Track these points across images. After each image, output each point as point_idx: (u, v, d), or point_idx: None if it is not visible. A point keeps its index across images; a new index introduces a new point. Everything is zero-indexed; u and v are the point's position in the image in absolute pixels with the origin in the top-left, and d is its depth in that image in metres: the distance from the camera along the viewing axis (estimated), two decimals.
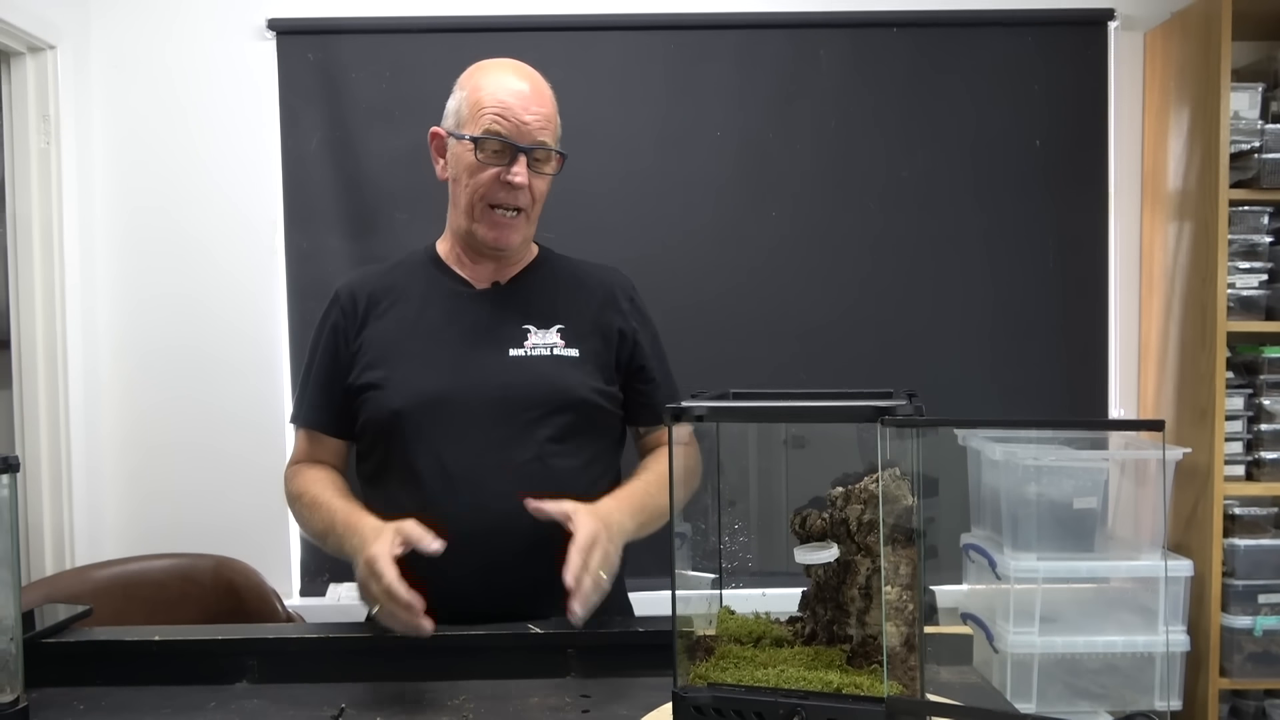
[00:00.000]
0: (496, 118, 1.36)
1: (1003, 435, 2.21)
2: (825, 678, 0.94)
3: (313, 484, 1.42)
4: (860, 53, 2.44)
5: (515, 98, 1.37)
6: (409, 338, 1.43)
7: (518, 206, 1.40)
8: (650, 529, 1.37)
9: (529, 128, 1.37)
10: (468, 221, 1.42)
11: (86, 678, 1.22)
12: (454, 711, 1.12)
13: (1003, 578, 2.14)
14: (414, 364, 1.41)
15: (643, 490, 1.40)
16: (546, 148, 1.40)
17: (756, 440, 1.14)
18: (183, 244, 2.43)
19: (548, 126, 1.40)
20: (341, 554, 1.31)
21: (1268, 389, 2.31)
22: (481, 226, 1.41)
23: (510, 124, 1.36)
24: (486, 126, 1.36)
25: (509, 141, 1.37)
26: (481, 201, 1.40)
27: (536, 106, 1.38)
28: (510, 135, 1.37)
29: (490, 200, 1.40)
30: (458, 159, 1.42)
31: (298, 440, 1.52)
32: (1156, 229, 2.47)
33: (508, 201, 1.39)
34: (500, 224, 1.41)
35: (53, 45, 2.25)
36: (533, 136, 1.38)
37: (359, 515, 1.31)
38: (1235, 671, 2.25)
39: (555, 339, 1.43)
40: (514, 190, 1.38)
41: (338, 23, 2.39)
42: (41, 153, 2.26)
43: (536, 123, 1.38)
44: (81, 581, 2.00)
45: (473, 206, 1.41)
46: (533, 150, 1.38)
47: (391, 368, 1.41)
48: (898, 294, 2.46)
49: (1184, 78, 2.35)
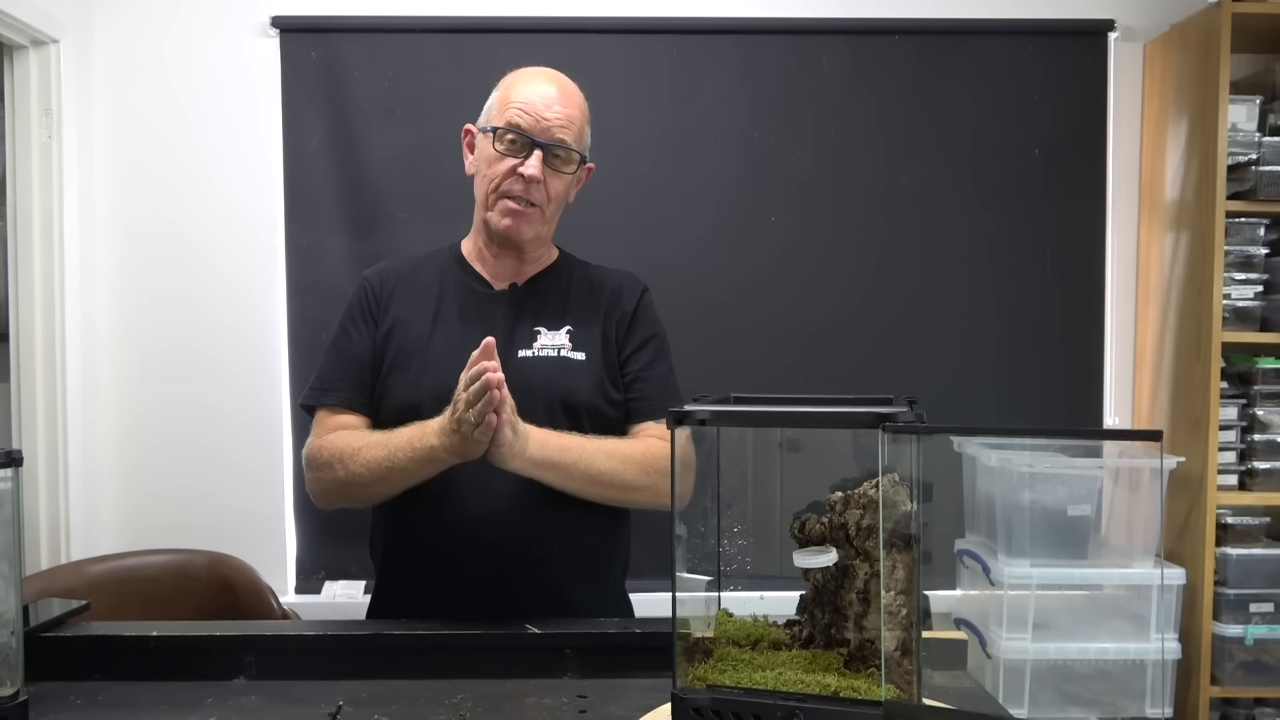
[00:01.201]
0: (519, 112, 1.40)
1: (998, 442, 2.22)
2: (823, 681, 0.95)
3: (355, 437, 1.37)
4: (861, 60, 2.45)
5: (540, 96, 1.41)
6: (424, 334, 1.44)
7: (531, 200, 1.41)
8: (557, 470, 1.33)
9: (549, 124, 1.39)
10: (484, 210, 1.45)
11: (84, 672, 1.22)
12: (451, 710, 1.12)
13: (997, 584, 2.15)
14: (426, 360, 1.42)
15: (578, 440, 1.37)
16: (566, 146, 1.41)
17: (753, 444, 1.14)
18: (183, 240, 2.43)
19: (569, 127, 1.41)
20: (419, 453, 1.29)
21: (1261, 399, 2.32)
22: (495, 214, 1.43)
23: (530, 118, 1.39)
24: (507, 119, 1.40)
25: (526, 135, 1.39)
26: (495, 192, 1.42)
27: (560, 106, 1.41)
28: (529, 129, 1.39)
29: (504, 192, 1.41)
30: (481, 151, 1.45)
31: (321, 422, 1.45)
32: (1153, 239, 2.48)
33: (520, 194, 1.41)
34: (513, 212, 1.42)
35: (55, 39, 2.25)
36: (551, 133, 1.40)
37: (417, 424, 1.31)
38: (1226, 680, 2.26)
39: (564, 340, 1.44)
40: (526, 183, 1.39)
41: (341, 21, 2.39)
42: (43, 147, 2.26)
43: (558, 120, 1.40)
44: (77, 576, 2.00)
45: (488, 196, 1.43)
46: (550, 146, 1.40)
47: (404, 363, 1.43)
48: (896, 300, 2.47)
49: (1183, 89, 2.36)
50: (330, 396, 1.45)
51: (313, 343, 2.37)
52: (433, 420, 1.29)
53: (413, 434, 1.31)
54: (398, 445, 1.31)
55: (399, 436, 1.32)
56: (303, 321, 2.40)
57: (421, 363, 1.42)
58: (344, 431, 1.41)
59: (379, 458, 1.32)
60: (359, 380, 1.45)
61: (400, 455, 1.30)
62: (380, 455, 1.32)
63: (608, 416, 1.45)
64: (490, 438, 1.23)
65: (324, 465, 1.39)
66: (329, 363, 1.48)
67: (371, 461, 1.33)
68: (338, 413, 1.45)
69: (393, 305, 1.47)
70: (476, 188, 1.47)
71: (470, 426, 1.21)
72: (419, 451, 1.29)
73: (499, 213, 1.42)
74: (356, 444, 1.36)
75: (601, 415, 1.44)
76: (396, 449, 1.31)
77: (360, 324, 1.47)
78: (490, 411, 1.20)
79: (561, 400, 1.40)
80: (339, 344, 1.48)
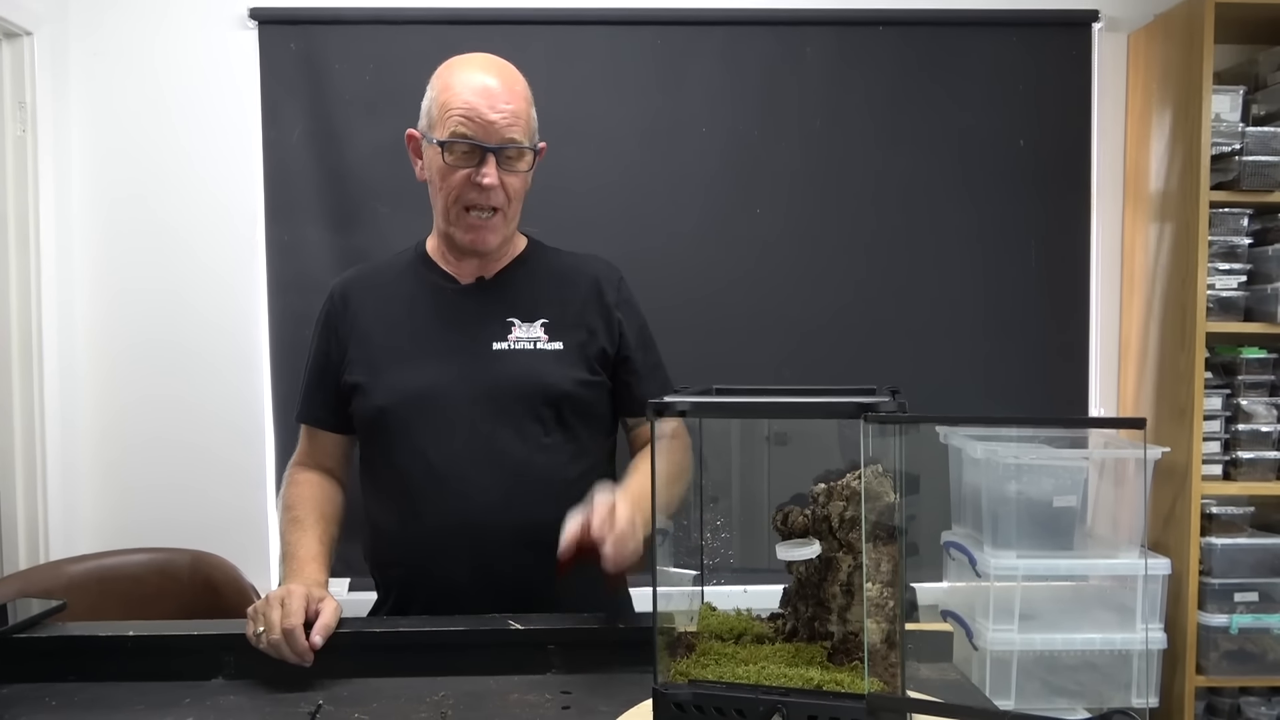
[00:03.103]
0: (462, 119, 1.33)
1: (984, 434, 2.22)
2: (806, 674, 0.94)
3: (299, 504, 1.44)
4: (846, 51, 2.44)
5: (481, 96, 1.34)
6: (395, 335, 1.43)
7: (493, 206, 1.39)
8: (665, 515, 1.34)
9: (496, 126, 1.34)
10: (445, 224, 1.42)
11: (59, 673, 1.20)
12: (433, 708, 1.11)
13: (983, 575, 2.15)
14: (399, 361, 1.41)
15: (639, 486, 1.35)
16: (517, 144, 1.36)
17: (739, 437, 1.14)
18: (161, 235, 2.40)
19: (517, 122, 1.36)
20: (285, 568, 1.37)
21: (1245, 389, 2.33)
22: (458, 230, 1.40)
23: (476, 124, 1.33)
24: (453, 129, 1.34)
25: (476, 143, 1.34)
26: (456, 205, 1.38)
27: (504, 103, 1.35)
28: (477, 136, 1.34)
29: (464, 202, 1.38)
30: (430, 162, 1.40)
31: (301, 437, 1.54)
32: (1138, 230, 2.49)
33: (480, 202, 1.37)
34: (476, 226, 1.39)
35: (29, 31, 2.22)
36: (501, 135, 1.34)
37: (311, 563, 1.35)
38: (1211, 669, 2.27)
39: (539, 332, 1.43)
40: (485, 191, 1.36)
41: (320, 13, 2.36)
42: (17, 140, 2.23)
43: (504, 120, 1.34)
44: (55, 576, 1.96)
45: (448, 210, 1.40)
46: (502, 149, 1.35)
47: (377, 365, 1.41)
48: (881, 291, 2.47)
49: (1166, 80, 2.36)
50: (302, 414, 1.52)
51: (294, 338, 2.35)
52: (299, 570, 1.33)
53: (289, 553, 1.39)
54: (285, 545, 1.41)
55: (287, 545, 1.40)
56: (284, 317, 2.38)
57: (393, 365, 1.41)
58: (300, 484, 1.48)
59: (283, 549, 1.42)
60: (324, 398, 1.48)
61: (283, 566, 1.39)
62: (283, 548, 1.41)
63: (589, 404, 1.44)
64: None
65: (281, 498, 1.49)
66: (304, 379, 1.52)
67: (283, 539, 1.43)
68: (311, 429, 1.52)
69: (361, 312, 1.46)
70: (432, 197, 1.43)
71: (265, 639, 1.18)
72: (284, 568, 1.38)
73: (463, 229, 1.40)
74: (292, 513, 1.43)
75: (582, 404, 1.43)
76: (284, 545, 1.41)
77: (324, 339, 1.48)
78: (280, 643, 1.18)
79: (541, 391, 1.39)
80: (310, 360, 1.51)
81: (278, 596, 1.19)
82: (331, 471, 1.51)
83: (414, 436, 1.37)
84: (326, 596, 1.23)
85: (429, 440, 1.37)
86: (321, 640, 1.17)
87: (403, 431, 1.38)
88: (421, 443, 1.37)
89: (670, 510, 1.14)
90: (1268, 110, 2.33)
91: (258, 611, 1.18)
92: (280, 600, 1.18)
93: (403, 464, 1.38)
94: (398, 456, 1.39)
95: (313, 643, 1.17)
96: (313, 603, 1.20)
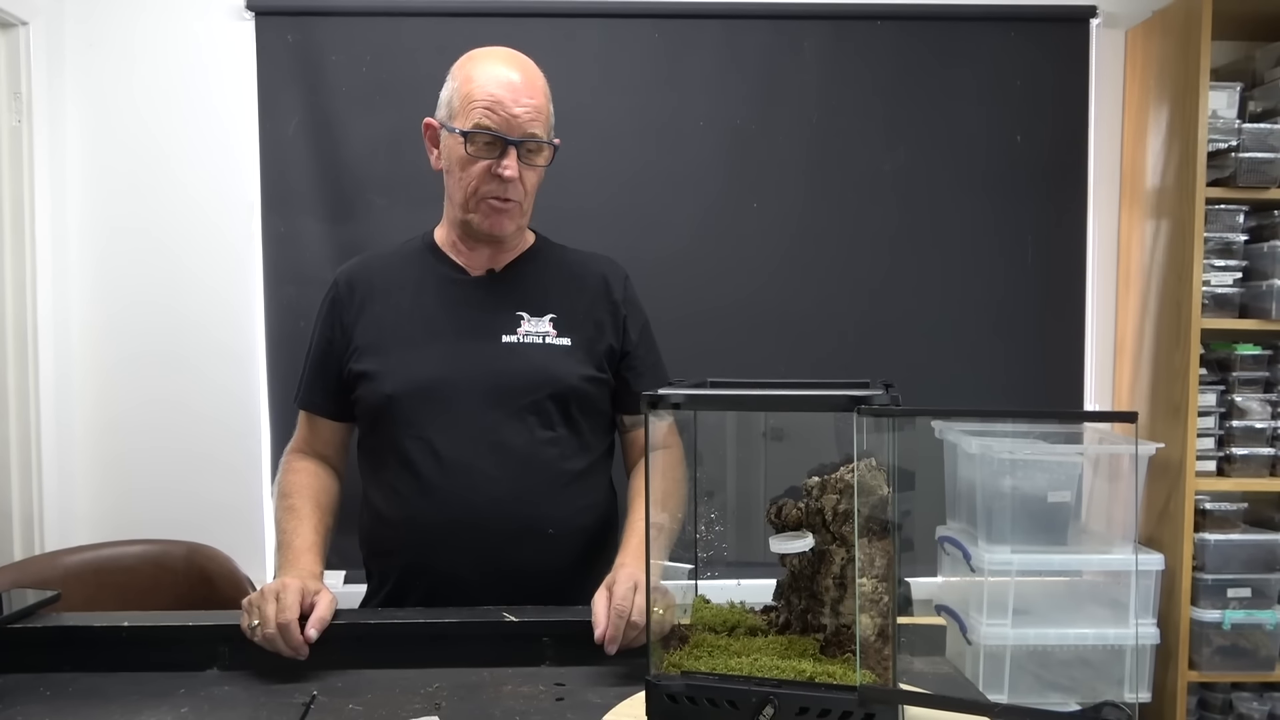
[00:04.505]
0: (486, 111, 1.36)
1: (979, 429, 2.22)
2: (799, 667, 0.94)
3: (296, 492, 1.44)
4: (844, 45, 2.44)
5: (505, 89, 1.36)
6: (403, 324, 1.44)
7: (510, 197, 1.40)
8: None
9: (519, 120, 1.36)
10: (463, 212, 1.43)
11: (54, 663, 1.21)
12: (427, 700, 1.11)
13: (977, 570, 2.16)
14: (407, 350, 1.42)
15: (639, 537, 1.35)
16: (537, 139, 1.39)
17: (735, 431, 1.14)
18: (158, 227, 2.39)
19: (538, 118, 1.39)
20: (279, 558, 1.37)
21: (1240, 386, 2.34)
22: (477, 216, 1.42)
23: (500, 117, 1.36)
24: (476, 120, 1.36)
25: (499, 135, 1.36)
26: (475, 195, 1.40)
27: (527, 98, 1.37)
28: (500, 129, 1.36)
29: (482, 194, 1.40)
30: (450, 151, 1.42)
31: (299, 422, 1.54)
32: (1134, 226, 2.49)
33: (499, 194, 1.39)
34: (495, 210, 1.41)
35: (25, 21, 2.21)
36: (523, 129, 1.37)
37: (306, 554, 1.34)
38: (1204, 664, 2.28)
39: (548, 327, 1.44)
40: (505, 183, 1.38)
41: (317, 4, 2.35)
42: (13, 131, 2.22)
43: (527, 115, 1.37)
44: (51, 567, 1.96)
45: (467, 200, 1.41)
46: (523, 143, 1.38)
47: (386, 354, 1.42)
48: (877, 286, 2.47)
49: (1164, 76, 2.36)
50: (302, 400, 1.52)
51: (290, 330, 2.34)
52: (294, 561, 1.33)
53: (284, 542, 1.38)
54: (280, 533, 1.41)
55: (282, 534, 1.40)
56: (280, 309, 2.38)
57: (402, 353, 1.42)
58: (296, 471, 1.48)
59: (278, 537, 1.41)
60: (325, 385, 1.48)
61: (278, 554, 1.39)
62: (279, 536, 1.41)
63: (595, 399, 1.46)
64: None
65: (277, 484, 1.48)
66: (305, 365, 1.52)
67: (279, 527, 1.43)
68: (310, 415, 1.52)
69: (368, 300, 1.46)
70: (449, 187, 1.45)
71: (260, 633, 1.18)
72: (279, 557, 1.37)
73: (481, 214, 1.41)
74: (289, 500, 1.43)
75: (588, 399, 1.45)
76: (280, 533, 1.41)
77: (328, 326, 1.48)
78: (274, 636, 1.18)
79: (549, 386, 1.41)
80: (312, 346, 1.51)
81: (273, 590, 1.19)
82: (328, 459, 1.52)
83: (421, 425, 1.38)
84: (322, 589, 1.24)
85: (436, 430, 1.38)
86: (316, 634, 1.18)
87: (410, 420, 1.39)
88: (428, 432, 1.38)
89: (673, 541, 1.16)
90: (1264, 107, 2.33)
91: (253, 605, 1.19)
92: (275, 594, 1.18)
93: (409, 452, 1.39)
94: (404, 444, 1.39)
95: (307, 636, 1.17)
96: (308, 596, 1.20)
